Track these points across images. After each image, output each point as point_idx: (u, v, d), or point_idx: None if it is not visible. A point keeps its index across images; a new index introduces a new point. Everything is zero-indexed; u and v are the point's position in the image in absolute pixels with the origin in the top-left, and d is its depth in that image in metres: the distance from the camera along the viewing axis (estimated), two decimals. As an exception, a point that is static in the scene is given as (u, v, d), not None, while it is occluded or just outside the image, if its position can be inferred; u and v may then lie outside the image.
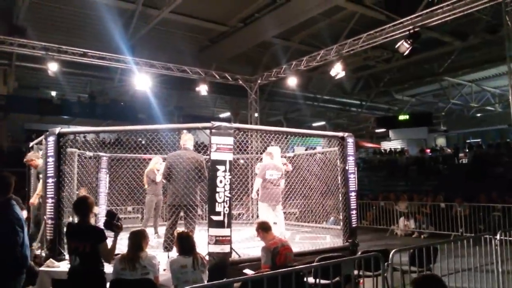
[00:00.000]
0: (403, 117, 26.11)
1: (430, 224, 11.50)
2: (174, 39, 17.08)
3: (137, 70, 12.59)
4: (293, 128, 7.95)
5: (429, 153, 23.96)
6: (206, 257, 5.09)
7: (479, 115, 26.95)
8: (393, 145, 28.61)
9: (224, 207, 5.44)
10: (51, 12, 15.13)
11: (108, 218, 3.99)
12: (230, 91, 19.62)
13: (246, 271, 4.85)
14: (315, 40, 16.69)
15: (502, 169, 16.41)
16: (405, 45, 9.86)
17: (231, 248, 5.48)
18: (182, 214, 6.08)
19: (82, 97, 20.42)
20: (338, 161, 7.02)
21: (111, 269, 4.27)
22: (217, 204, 5.42)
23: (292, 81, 13.65)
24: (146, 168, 8.12)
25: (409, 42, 9.79)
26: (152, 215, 7.91)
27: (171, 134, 7.15)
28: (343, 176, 6.85)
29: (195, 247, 4.32)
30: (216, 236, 5.37)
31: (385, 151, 26.54)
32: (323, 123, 29.01)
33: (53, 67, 11.39)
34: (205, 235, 5.51)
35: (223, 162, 5.51)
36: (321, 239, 7.40)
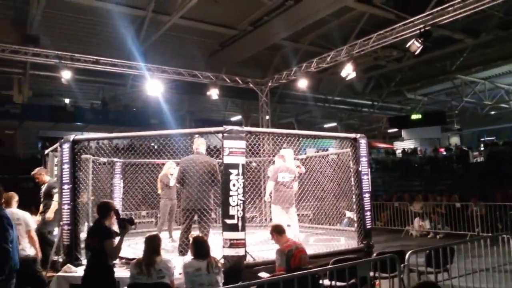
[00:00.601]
0: (415, 116, 25.82)
1: (446, 224, 11.36)
2: (184, 44, 17.22)
3: (149, 76, 12.70)
4: (304, 130, 7.94)
5: (443, 153, 23.68)
6: (221, 260, 5.11)
7: (493, 112, 26.57)
8: (406, 145, 28.34)
9: (238, 210, 5.45)
10: (64, 21, 15.38)
11: (120, 217, 4.28)
12: (241, 94, 19.66)
13: (261, 274, 4.85)
14: (324, 41, 16.66)
15: (518, 167, 16.14)
16: (416, 44, 9.77)
17: (245, 251, 5.48)
18: (196, 218, 6.13)
19: (95, 104, 20.69)
20: (351, 163, 6.98)
21: (126, 273, 4.35)
22: (230, 207, 5.44)
23: (303, 83, 13.64)
24: (159, 173, 8.19)
25: (420, 41, 9.70)
26: (167, 219, 7.97)
27: (183, 138, 7.19)
28: (357, 177, 6.81)
29: (209, 251, 4.37)
30: (230, 240, 5.38)
31: (403, 150, 26.12)
32: (334, 124, 28.85)
33: (66, 75, 11.57)
34: (219, 239, 5.53)
35: (236, 166, 5.52)
36: (335, 241, 7.36)
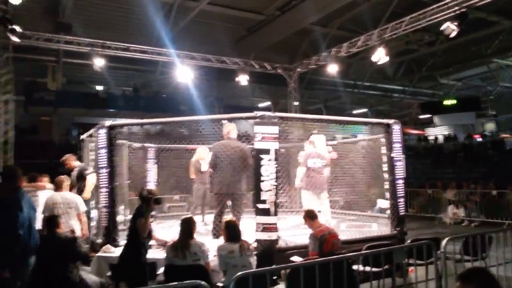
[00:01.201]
0: (449, 102, 25.03)
1: (481, 212, 11.09)
2: (212, 31, 17.22)
3: (178, 62, 12.82)
4: (334, 116, 7.85)
5: (478, 139, 22.96)
6: (254, 244, 5.18)
7: (531, 97, 25.50)
8: (438, 132, 27.63)
9: (270, 195, 5.48)
10: (95, 8, 15.66)
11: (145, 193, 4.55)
12: (269, 80, 19.58)
13: (294, 258, 4.89)
14: (354, 25, 16.28)
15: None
16: (451, 27, 9.43)
17: (278, 236, 5.53)
18: (228, 202, 6.21)
19: (126, 91, 21.04)
20: (385, 149, 6.88)
21: (163, 254, 4.50)
22: (263, 192, 5.48)
23: (333, 68, 13.44)
24: (191, 158, 8.30)
25: (455, 23, 9.37)
26: (200, 203, 8.10)
27: (213, 124, 7.25)
28: (390, 163, 6.72)
29: (240, 234, 4.46)
30: (263, 224, 5.43)
31: (434, 137, 25.38)
32: (364, 110, 28.37)
33: (99, 62, 11.81)
34: (251, 223, 5.59)
35: (268, 151, 5.53)
36: (367, 227, 7.31)
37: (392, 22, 11.32)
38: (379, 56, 11.29)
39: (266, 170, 5.51)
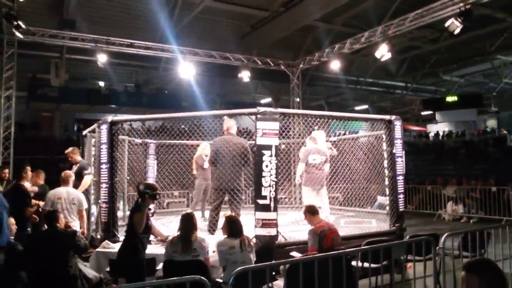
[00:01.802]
0: (451, 98, 24.99)
1: (480, 209, 11.08)
2: (216, 27, 17.19)
3: (181, 59, 12.81)
4: (336, 112, 7.86)
5: (479, 136, 22.92)
6: (253, 240, 5.20)
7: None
8: (440, 128, 27.55)
9: (270, 191, 5.50)
10: (99, 5, 15.67)
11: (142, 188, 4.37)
12: (271, 76, 19.54)
13: (293, 253, 4.91)
14: (358, 21, 16.21)
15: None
16: (455, 24, 9.37)
17: (277, 231, 5.55)
18: (226, 198, 6.23)
19: (128, 87, 21.09)
20: (385, 145, 6.88)
21: (162, 250, 4.50)
22: (263, 188, 5.49)
23: (335, 65, 13.42)
24: (191, 154, 8.32)
25: (460, 20, 9.32)
26: (201, 199, 8.13)
27: (213, 120, 7.29)
28: (390, 159, 6.72)
29: (242, 230, 4.44)
30: (262, 220, 5.45)
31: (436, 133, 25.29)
32: (366, 106, 28.32)
33: (102, 58, 11.81)
34: (249, 219, 5.61)
35: (269, 147, 5.55)
36: (366, 223, 7.33)
37: (396, 18, 11.26)
38: (382, 52, 11.25)
39: (266, 166, 5.53)
